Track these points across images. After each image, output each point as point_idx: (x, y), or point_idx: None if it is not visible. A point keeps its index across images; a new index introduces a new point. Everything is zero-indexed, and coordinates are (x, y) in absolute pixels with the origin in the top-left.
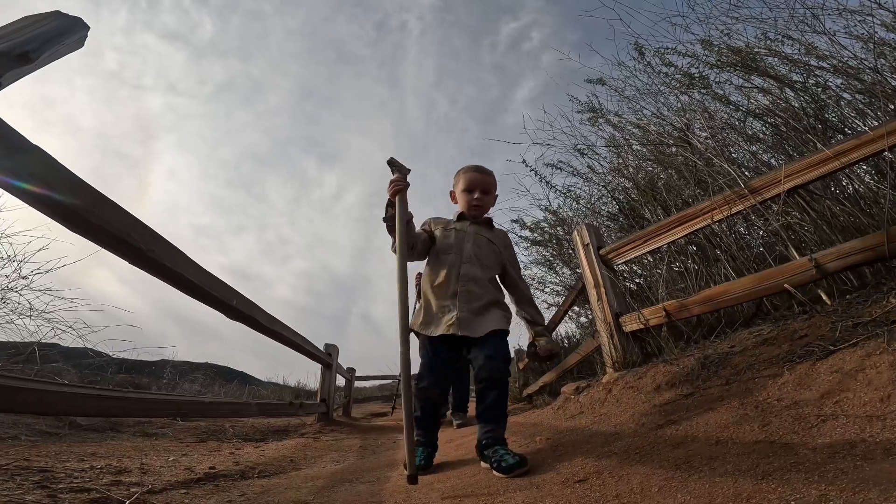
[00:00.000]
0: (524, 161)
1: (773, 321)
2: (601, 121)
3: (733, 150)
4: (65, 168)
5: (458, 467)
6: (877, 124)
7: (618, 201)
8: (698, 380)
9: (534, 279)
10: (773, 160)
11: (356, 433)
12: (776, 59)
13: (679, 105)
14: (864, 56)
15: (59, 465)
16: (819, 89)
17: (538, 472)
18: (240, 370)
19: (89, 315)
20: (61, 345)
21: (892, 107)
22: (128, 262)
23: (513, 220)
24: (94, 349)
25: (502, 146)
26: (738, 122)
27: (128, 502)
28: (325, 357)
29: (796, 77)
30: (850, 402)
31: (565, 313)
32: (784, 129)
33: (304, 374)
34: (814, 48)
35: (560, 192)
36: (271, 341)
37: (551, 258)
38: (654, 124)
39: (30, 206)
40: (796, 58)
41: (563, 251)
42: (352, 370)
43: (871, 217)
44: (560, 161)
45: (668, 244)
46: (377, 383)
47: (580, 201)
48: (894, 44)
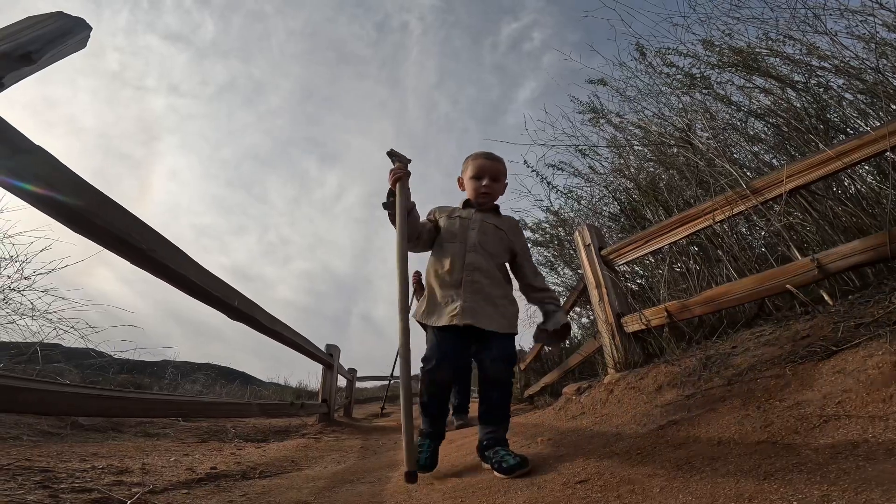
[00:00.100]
0: (525, 162)
1: (775, 322)
2: (602, 121)
3: (735, 151)
4: (69, 169)
5: (459, 468)
6: (879, 124)
7: (619, 202)
8: (700, 380)
9: None
10: (774, 160)
11: (357, 434)
12: (778, 59)
13: (680, 105)
14: (865, 56)
15: (61, 465)
16: (821, 89)
17: (539, 473)
18: (241, 371)
19: (91, 315)
20: (63, 345)
21: (894, 107)
22: (130, 263)
23: None
24: (95, 349)
25: (503, 147)
26: (739, 123)
27: (129, 502)
28: (327, 357)
29: (798, 77)
30: (853, 403)
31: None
32: (786, 130)
33: (305, 374)
34: (815, 48)
35: (561, 192)
36: (273, 342)
37: (553, 259)
38: (656, 125)
39: (33, 207)
40: (798, 58)
41: (565, 252)
42: (353, 371)
43: (874, 217)
44: (561, 161)
45: (669, 245)
46: (378, 384)
47: (581, 202)
48: None
